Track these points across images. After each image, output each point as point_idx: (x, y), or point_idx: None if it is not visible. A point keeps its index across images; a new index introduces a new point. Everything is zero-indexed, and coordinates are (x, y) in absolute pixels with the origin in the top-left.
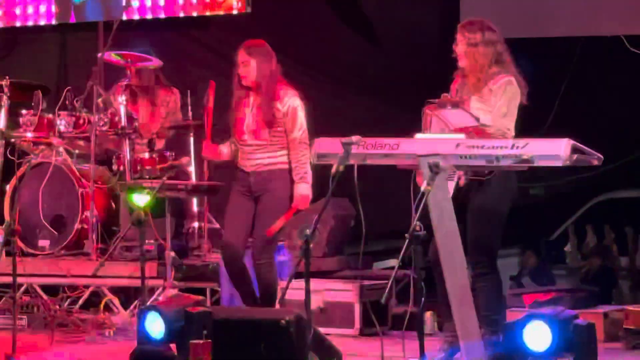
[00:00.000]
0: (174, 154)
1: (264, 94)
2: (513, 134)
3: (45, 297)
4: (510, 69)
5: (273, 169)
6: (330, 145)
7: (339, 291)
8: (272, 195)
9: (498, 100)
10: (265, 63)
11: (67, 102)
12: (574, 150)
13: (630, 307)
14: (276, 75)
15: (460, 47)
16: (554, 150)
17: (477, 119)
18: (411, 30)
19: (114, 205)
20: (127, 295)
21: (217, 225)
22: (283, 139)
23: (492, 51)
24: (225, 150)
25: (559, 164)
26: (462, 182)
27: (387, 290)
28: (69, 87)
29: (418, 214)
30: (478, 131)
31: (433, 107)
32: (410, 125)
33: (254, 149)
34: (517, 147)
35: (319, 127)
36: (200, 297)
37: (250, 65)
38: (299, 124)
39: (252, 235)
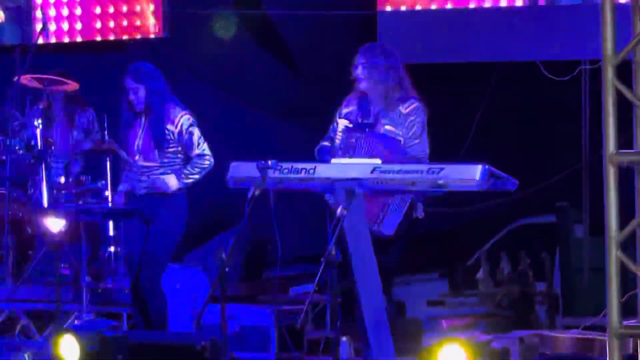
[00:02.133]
0: (89, 177)
1: (154, 116)
2: (427, 157)
3: None
4: (413, 93)
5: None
6: (247, 170)
7: (255, 316)
8: (161, 220)
9: (412, 125)
10: (153, 85)
11: None
12: (490, 175)
13: (546, 332)
14: (165, 95)
15: (360, 71)
16: (469, 175)
17: (399, 142)
18: (329, 56)
19: (29, 229)
20: (41, 319)
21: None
22: (174, 160)
23: (395, 75)
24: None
25: (473, 188)
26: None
27: (303, 315)
28: None
29: (334, 239)
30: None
31: (352, 130)
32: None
33: (144, 170)
34: (433, 172)
35: (235, 151)
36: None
37: (138, 90)
38: (196, 140)
39: (141, 258)
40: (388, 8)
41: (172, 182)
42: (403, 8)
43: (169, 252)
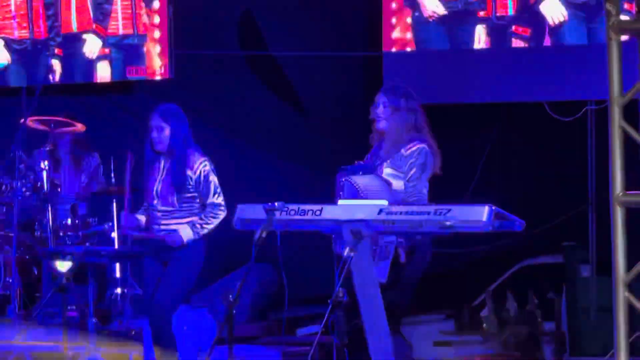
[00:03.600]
0: (96, 219)
1: (175, 159)
2: (426, 197)
3: None
4: (425, 136)
5: None
6: (253, 212)
7: (262, 357)
8: (178, 262)
9: (412, 167)
10: (179, 128)
11: None
12: (497, 216)
13: None
14: (189, 140)
15: (381, 110)
16: (477, 216)
17: (389, 184)
18: (335, 98)
19: (36, 271)
20: None
21: (140, 291)
22: (192, 205)
23: (413, 118)
24: (143, 218)
25: (480, 229)
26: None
27: (310, 356)
28: None
29: (341, 280)
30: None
31: (343, 174)
32: (334, 191)
33: (162, 214)
34: (440, 213)
35: (242, 193)
36: None
37: (164, 131)
38: (213, 188)
39: (154, 299)
40: (393, 49)
41: (185, 234)
42: (409, 49)
43: (183, 295)
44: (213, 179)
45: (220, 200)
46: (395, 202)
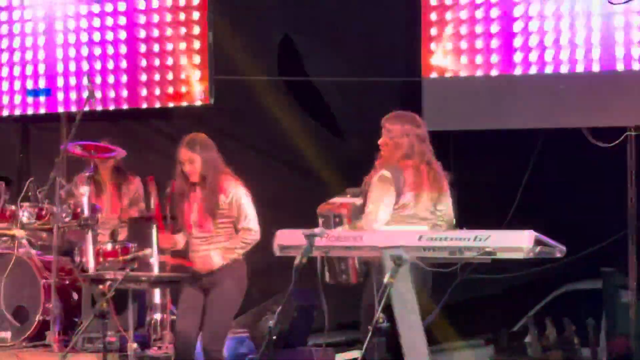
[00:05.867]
0: (136, 245)
1: (208, 186)
2: (379, 223)
3: None
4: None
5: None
6: (293, 238)
7: None
8: (221, 288)
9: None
10: (209, 156)
11: (29, 193)
12: (537, 242)
13: None
14: (220, 166)
15: (381, 139)
16: (517, 242)
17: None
18: (374, 123)
19: (76, 297)
20: None
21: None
22: (228, 229)
23: (406, 142)
24: (181, 239)
25: (521, 256)
26: None
27: None
28: (31, 178)
29: (381, 306)
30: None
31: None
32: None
33: (201, 241)
34: (480, 240)
35: (280, 217)
36: None
37: (195, 163)
38: (245, 212)
39: (201, 327)
40: (433, 75)
41: (216, 260)
42: (448, 75)
43: (231, 318)
44: (245, 202)
45: (251, 224)
46: None
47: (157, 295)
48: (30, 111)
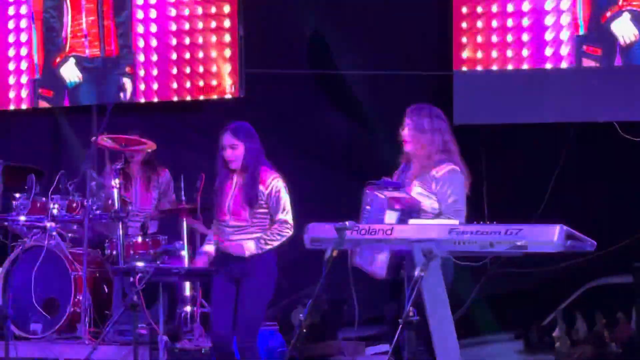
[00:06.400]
0: (166, 237)
1: (249, 175)
2: (465, 214)
3: None
4: (455, 158)
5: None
6: (324, 231)
7: None
8: (253, 280)
9: (445, 187)
10: (252, 145)
11: (60, 185)
12: (568, 236)
13: None
14: (261, 157)
15: (406, 132)
16: (548, 236)
17: (418, 203)
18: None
19: (106, 289)
20: None
21: (210, 309)
22: (263, 221)
23: (440, 139)
24: (212, 249)
25: (552, 250)
26: None
27: None
28: (62, 171)
29: (411, 300)
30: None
31: (372, 188)
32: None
33: (234, 230)
34: (511, 233)
35: (312, 211)
36: None
37: (237, 149)
38: (282, 205)
39: (235, 319)
40: (464, 68)
41: (250, 248)
42: (479, 68)
43: (263, 310)
44: (283, 195)
45: (288, 217)
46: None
47: (187, 288)
48: (61, 103)
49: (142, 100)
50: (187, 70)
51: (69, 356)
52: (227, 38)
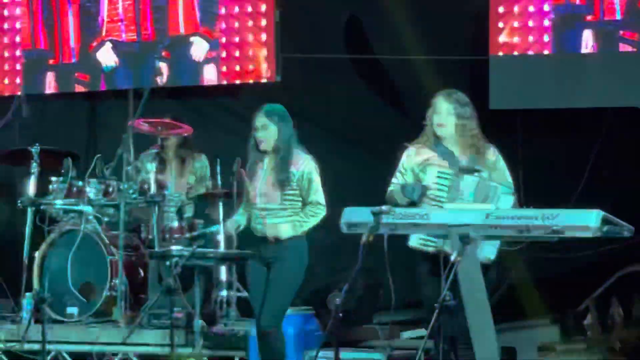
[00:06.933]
0: (202, 221)
1: (281, 157)
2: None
3: None
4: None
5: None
6: (360, 215)
7: None
8: (284, 265)
9: (503, 169)
10: (285, 127)
11: (96, 169)
12: (605, 221)
13: None
14: (293, 140)
15: (446, 118)
16: (585, 222)
17: (497, 186)
18: None
19: (142, 273)
20: None
21: (246, 294)
22: (294, 203)
23: (476, 124)
24: (242, 221)
25: (589, 235)
26: None
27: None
28: (98, 155)
29: (447, 284)
30: None
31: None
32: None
33: (265, 213)
34: (548, 218)
35: (348, 196)
36: None
37: (269, 129)
38: (315, 187)
39: (263, 303)
40: (500, 53)
41: (284, 230)
42: (515, 53)
43: (291, 296)
44: (316, 177)
45: (320, 199)
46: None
47: (223, 272)
48: (97, 88)
49: (179, 84)
50: (224, 54)
51: (105, 340)
52: (264, 22)
